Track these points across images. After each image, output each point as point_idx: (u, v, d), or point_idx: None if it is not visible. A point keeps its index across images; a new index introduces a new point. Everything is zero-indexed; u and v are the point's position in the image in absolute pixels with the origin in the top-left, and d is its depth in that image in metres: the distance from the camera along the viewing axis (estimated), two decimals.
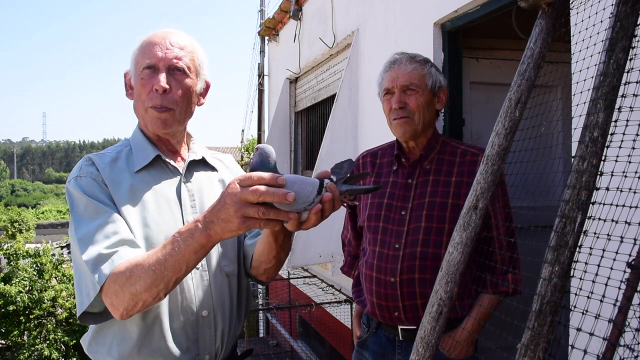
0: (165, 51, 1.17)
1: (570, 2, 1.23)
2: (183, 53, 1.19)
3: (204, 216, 0.95)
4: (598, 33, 1.12)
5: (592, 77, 1.00)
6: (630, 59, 0.97)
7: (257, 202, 0.87)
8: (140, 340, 1.12)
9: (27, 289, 8.45)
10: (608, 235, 0.91)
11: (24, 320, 8.36)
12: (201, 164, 1.30)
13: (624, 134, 0.96)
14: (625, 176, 0.94)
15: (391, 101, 1.67)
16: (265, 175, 0.88)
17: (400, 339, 1.66)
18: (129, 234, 1.09)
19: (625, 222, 0.89)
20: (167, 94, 1.16)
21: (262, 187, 0.86)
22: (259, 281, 1.34)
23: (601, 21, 1.10)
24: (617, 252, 0.88)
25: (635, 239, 0.88)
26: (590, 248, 0.93)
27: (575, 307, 0.93)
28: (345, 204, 1.07)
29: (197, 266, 1.16)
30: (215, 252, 1.22)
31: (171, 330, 1.15)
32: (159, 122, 1.18)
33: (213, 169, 1.32)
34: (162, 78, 1.15)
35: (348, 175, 0.99)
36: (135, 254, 1.05)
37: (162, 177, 1.21)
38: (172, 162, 1.23)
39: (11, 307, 8.11)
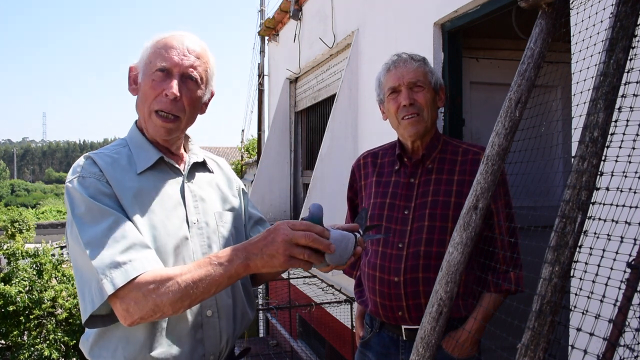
0: (182, 57, 1.16)
1: (570, 2, 1.23)
2: (198, 62, 1.18)
3: (244, 247, 1.02)
4: (598, 33, 1.12)
5: (592, 77, 1.00)
6: (630, 59, 0.97)
7: (304, 246, 0.98)
8: (147, 342, 1.11)
9: (27, 289, 8.44)
10: (608, 235, 0.91)
11: (24, 320, 8.35)
12: (200, 166, 1.30)
13: (624, 134, 0.96)
14: (625, 176, 0.94)
15: (398, 99, 1.67)
16: (316, 226, 1.01)
17: (404, 338, 1.66)
18: (138, 235, 1.07)
19: (625, 222, 0.89)
20: (176, 101, 1.16)
21: (314, 235, 0.98)
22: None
23: (601, 21, 1.10)
24: (617, 252, 0.88)
25: (635, 239, 0.87)
26: (591, 248, 0.93)
27: (575, 307, 0.93)
28: None
29: None
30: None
31: (178, 331, 1.14)
32: (163, 130, 1.18)
33: (210, 171, 1.33)
34: (175, 85, 1.14)
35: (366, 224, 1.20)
36: (152, 261, 1.04)
37: (165, 177, 1.20)
38: (173, 162, 1.23)
39: (11, 307, 8.10)
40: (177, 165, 1.23)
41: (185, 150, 1.30)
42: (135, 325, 1.02)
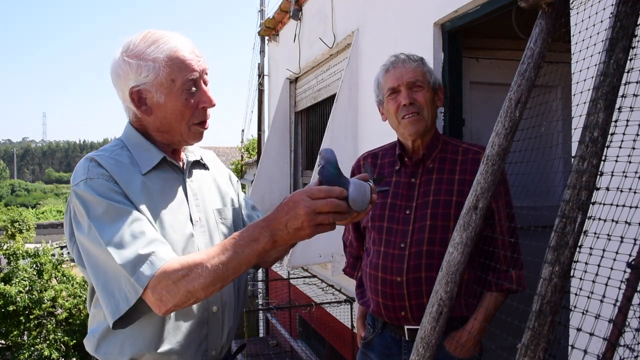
0: (199, 64, 1.16)
1: (570, 2, 1.23)
2: (206, 63, 1.19)
3: (267, 225, 1.01)
4: (598, 33, 1.12)
5: (592, 77, 1.00)
6: (630, 59, 0.97)
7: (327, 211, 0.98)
8: (154, 339, 1.11)
9: (27, 289, 8.45)
10: (608, 235, 0.91)
11: (24, 320, 8.37)
12: (197, 163, 1.31)
13: (624, 134, 0.96)
14: (625, 176, 0.94)
15: (398, 99, 1.67)
16: (334, 188, 1.01)
17: (407, 339, 1.65)
18: (155, 231, 1.08)
19: (625, 222, 0.89)
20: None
21: (335, 200, 0.98)
22: (256, 267, 1.39)
23: (601, 21, 1.10)
24: (617, 252, 0.88)
25: (635, 239, 0.88)
26: (591, 248, 0.93)
27: (575, 307, 0.93)
28: None
29: None
30: None
31: (184, 327, 1.15)
32: (201, 135, 1.21)
33: (206, 167, 1.34)
34: (211, 94, 1.18)
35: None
36: (171, 253, 1.05)
37: (169, 176, 1.21)
38: (175, 162, 1.23)
39: (11, 307, 8.12)
40: (178, 164, 1.24)
41: (184, 149, 1.31)
42: (169, 313, 1.03)
